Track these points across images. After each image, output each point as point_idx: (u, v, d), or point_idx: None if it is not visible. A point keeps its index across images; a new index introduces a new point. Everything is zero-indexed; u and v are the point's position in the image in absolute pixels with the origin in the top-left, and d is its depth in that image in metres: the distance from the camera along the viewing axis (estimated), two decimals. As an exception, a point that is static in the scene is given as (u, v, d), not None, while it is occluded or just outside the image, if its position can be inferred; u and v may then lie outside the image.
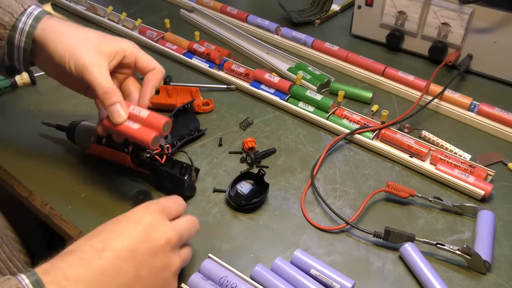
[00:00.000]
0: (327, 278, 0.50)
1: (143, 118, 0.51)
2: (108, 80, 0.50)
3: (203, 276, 0.51)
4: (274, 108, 0.78)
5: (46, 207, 0.61)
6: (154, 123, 0.51)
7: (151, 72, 0.55)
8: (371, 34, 0.94)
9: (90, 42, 0.52)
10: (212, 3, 1.04)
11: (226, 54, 0.88)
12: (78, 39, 0.52)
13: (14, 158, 0.68)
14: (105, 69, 0.51)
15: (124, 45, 0.54)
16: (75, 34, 0.52)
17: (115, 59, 0.53)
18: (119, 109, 0.51)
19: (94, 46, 0.51)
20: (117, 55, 0.53)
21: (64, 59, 0.50)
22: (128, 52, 0.54)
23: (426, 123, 0.75)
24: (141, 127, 0.51)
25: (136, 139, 0.51)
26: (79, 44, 0.51)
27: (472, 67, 0.84)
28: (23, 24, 0.51)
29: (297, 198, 0.62)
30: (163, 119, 0.51)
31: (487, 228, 0.56)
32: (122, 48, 0.54)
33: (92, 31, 0.54)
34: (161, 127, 0.51)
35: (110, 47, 0.52)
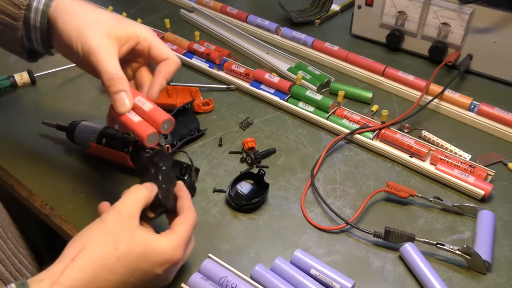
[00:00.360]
0: (327, 278, 0.50)
1: (145, 111, 0.48)
2: (115, 66, 0.47)
3: (203, 276, 0.51)
4: (274, 108, 0.78)
5: (46, 207, 0.61)
6: (154, 118, 0.48)
7: (164, 62, 0.51)
8: (371, 34, 0.94)
9: (101, 24, 0.48)
10: (212, 3, 1.04)
11: (226, 54, 0.88)
12: (89, 20, 0.48)
13: (14, 158, 0.68)
14: (113, 54, 0.48)
15: (138, 30, 0.50)
16: (86, 14, 0.49)
17: (127, 44, 0.49)
18: (123, 97, 0.48)
19: (104, 29, 0.48)
20: (129, 41, 0.50)
21: (71, 39, 0.48)
22: (142, 38, 0.50)
23: (426, 123, 0.75)
24: (142, 120, 0.48)
25: (133, 133, 0.49)
26: (89, 25, 0.48)
27: (472, 67, 0.84)
28: (37, 3, 0.49)
29: (297, 198, 0.62)
30: (164, 116, 0.48)
31: (487, 228, 0.56)
32: (136, 34, 0.50)
33: (105, 13, 0.51)
34: (160, 123, 0.48)
35: (122, 31, 0.49)
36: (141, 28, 0.51)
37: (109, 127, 0.66)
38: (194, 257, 0.54)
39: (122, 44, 0.49)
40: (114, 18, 0.50)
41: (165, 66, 0.51)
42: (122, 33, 0.49)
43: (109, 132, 0.64)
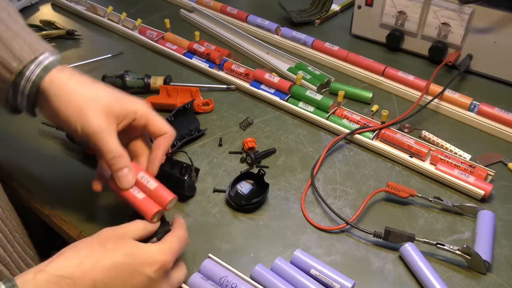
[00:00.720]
0: (327, 278, 0.50)
1: (150, 189, 0.49)
2: (116, 145, 0.48)
3: (203, 276, 0.51)
4: (274, 108, 0.78)
5: (46, 207, 0.61)
6: (159, 198, 0.48)
7: (162, 137, 0.52)
8: (371, 34, 0.94)
9: (99, 102, 0.48)
10: (212, 3, 1.04)
11: (226, 54, 0.88)
12: (87, 98, 0.48)
13: (14, 158, 0.68)
14: (113, 133, 0.48)
15: (136, 106, 0.51)
16: (85, 93, 0.49)
17: (124, 121, 0.50)
18: (127, 174, 0.48)
19: (103, 107, 0.48)
20: (127, 118, 0.50)
21: (71, 119, 0.47)
22: (138, 115, 0.51)
23: (426, 123, 0.75)
24: (146, 197, 0.49)
25: (138, 210, 0.49)
26: (88, 104, 0.48)
27: (472, 67, 0.84)
28: (30, 73, 0.48)
29: (297, 198, 0.62)
30: (169, 196, 0.48)
31: (487, 228, 0.56)
32: (133, 110, 0.50)
33: (103, 89, 0.50)
34: (166, 204, 0.48)
35: (120, 109, 0.49)
36: (138, 104, 0.51)
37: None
38: (194, 257, 0.54)
39: (120, 121, 0.49)
40: (112, 95, 0.50)
41: (163, 141, 0.52)
42: (120, 111, 0.49)
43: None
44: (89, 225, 0.59)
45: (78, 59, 0.88)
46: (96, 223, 0.59)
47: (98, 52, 0.91)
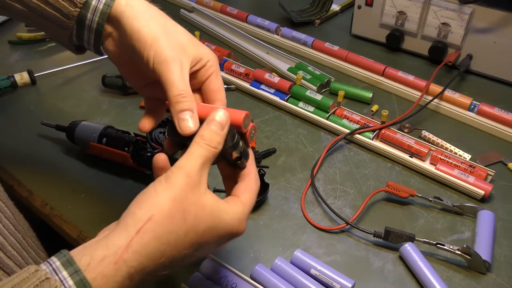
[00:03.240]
0: (327, 278, 0.50)
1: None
2: (186, 83, 0.43)
3: (203, 276, 0.51)
4: (274, 108, 0.78)
5: (46, 207, 0.61)
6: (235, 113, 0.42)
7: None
8: (371, 34, 0.94)
9: (178, 36, 0.45)
10: (212, 3, 1.04)
11: (226, 54, 0.88)
12: (167, 28, 0.44)
13: (14, 158, 0.68)
14: (186, 70, 0.43)
15: (209, 54, 0.46)
16: (164, 22, 0.45)
17: (197, 65, 0.45)
18: (189, 119, 0.41)
19: (180, 44, 0.44)
20: (200, 62, 0.46)
21: (144, 45, 0.43)
22: (209, 64, 0.46)
23: (426, 123, 0.75)
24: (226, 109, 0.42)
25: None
26: (167, 34, 0.44)
27: (472, 67, 0.84)
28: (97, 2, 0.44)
29: (297, 198, 0.62)
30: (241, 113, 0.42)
31: (487, 228, 0.56)
32: (206, 57, 0.46)
33: (179, 26, 0.47)
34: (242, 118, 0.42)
35: (195, 51, 0.45)
36: (210, 52, 0.47)
37: (110, 126, 0.66)
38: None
39: (194, 64, 0.45)
40: (187, 32, 0.47)
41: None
42: (195, 52, 0.45)
43: (109, 132, 0.64)
44: (89, 225, 0.59)
45: (79, 59, 0.88)
46: (96, 223, 0.59)
47: (98, 52, 0.91)
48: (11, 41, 0.94)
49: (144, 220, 0.35)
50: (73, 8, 0.45)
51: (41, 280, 0.31)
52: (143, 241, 0.34)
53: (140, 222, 0.35)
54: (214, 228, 0.38)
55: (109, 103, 0.79)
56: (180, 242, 0.36)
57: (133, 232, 0.34)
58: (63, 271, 0.32)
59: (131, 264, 0.34)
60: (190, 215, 0.36)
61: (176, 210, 0.36)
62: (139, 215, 0.35)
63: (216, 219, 0.38)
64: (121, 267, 0.33)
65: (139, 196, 0.37)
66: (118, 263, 0.33)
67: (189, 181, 0.37)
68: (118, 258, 0.33)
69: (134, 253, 0.34)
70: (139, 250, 0.34)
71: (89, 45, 0.48)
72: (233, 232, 0.40)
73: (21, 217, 0.56)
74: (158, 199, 0.36)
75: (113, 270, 0.33)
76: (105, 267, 0.33)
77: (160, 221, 0.35)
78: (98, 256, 0.33)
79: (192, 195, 0.37)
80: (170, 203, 0.36)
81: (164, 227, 0.35)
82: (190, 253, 0.38)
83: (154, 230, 0.35)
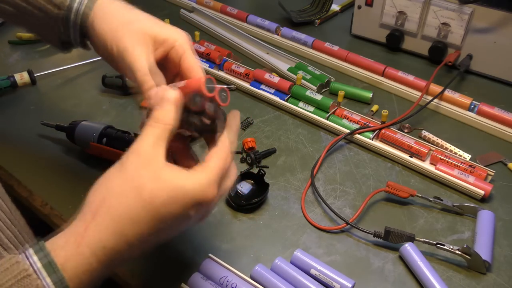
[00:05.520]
0: (327, 278, 0.50)
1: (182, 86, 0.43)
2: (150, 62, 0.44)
3: (203, 276, 0.51)
4: (274, 108, 0.78)
5: (46, 207, 0.61)
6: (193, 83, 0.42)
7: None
8: (371, 34, 0.94)
9: (137, 24, 0.46)
10: (212, 3, 1.04)
11: (226, 54, 0.88)
12: (125, 19, 0.47)
13: (14, 158, 0.68)
14: (149, 52, 0.45)
15: (175, 34, 0.47)
16: (123, 14, 0.48)
17: (162, 47, 0.46)
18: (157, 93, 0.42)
19: (140, 28, 0.46)
20: (165, 43, 0.46)
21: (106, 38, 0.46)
22: (178, 43, 0.46)
23: (426, 123, 0.75)
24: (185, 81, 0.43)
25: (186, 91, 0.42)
26: (125, 25, 0.46)
27: (472, 67, 0.84)
28: (78, 4, 0.49)
29: (297, 198, 0.62)
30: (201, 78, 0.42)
31: (487, 228, 0.56)
32: (173, 37, 0.46)
33: (143, 13, 0.49)
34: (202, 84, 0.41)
35: (158, 32, 0.46)
36: (178, 32, 0.48)
37: (110, 126, 0.66)
38: (194, 257, 0.54)
39: (158, 45, 0.46)
40: (151, 18, 0.48)
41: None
42: (158, 34, 0.46)
43: (109, 132, 0.64)
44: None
45: (79, 59, 0.88)
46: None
47: (98, 52, 0.90)
48: (11, 41, 0.94)
49: (98, 203, 0.37)
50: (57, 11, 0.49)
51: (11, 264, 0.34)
52: (99, 223, 0.36)
53: (94, 206, 0.37)
54: (175, 197, 0.37)
55: (109, 103, 0.79)
56: (139, 218, 0.36)
57: (90, 217, 0.36)
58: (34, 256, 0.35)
59: (93, 246, 0.35)
60: (145, 191, 0.36)
61: (128, 188, 0.37)
62: (92, 201, 0.37)
63: (175, 189, 0.37)
64: (83, 250, 0.35)
65: (94, 184, 0.39)
66: (80, 246, 0.35)
67: (140, 159, 0.37)
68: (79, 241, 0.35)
69: (93, 236, 0.35)
70: (97, 231, 0.36)
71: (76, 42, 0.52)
72: (199, 199, 0.38)
73: (18, 213, 0.57)
74: (110, 182, 0.38)
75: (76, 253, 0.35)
76: (68, 251, 0.35)
77: (112, 202, 0.36)
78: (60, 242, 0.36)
79: (146, 171, 0.37)
80: (121, 182, 0.37)
81: (117, 207, 0.36)
82: (158, 227, 0.37)
83: (107, 212, 0.36)
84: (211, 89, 0.42)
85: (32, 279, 0.34)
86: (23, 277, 0.34)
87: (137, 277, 0.53)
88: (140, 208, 0.36)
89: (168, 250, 0.55)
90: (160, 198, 0.36)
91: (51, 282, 0.34)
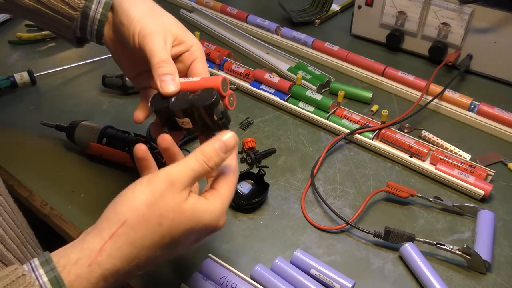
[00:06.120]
0: (327, 278, 0.50)
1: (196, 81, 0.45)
2: (168, 53, 0.46)
3: (203, 276, 0.51)
4: (274, 108, 0.78)
5: (46, 207, 0.61)
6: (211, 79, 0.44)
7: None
8: (371, 34, 0.94)
9: (164, 18, 0.49)
10: (212, 3, 1.04)
11: (226, 54, 0.88)
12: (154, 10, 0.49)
13: (14, 158, 0.68)
14: (169, 44, 0.47)
15: (193, 39, 0.50)
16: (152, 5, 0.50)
17: (180, 46, 0.48)
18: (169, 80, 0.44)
19: (166, 23, 0.48)
20: (183, 44, 0.49)
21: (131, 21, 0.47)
22: (194, 48, 0.49)
23: (426, 123, 0.75)
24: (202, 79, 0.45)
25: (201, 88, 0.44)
26: (153, 14, 0.48)
27: (472, 67, 0.84)
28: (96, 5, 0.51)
29: (297, 198, 0.62)
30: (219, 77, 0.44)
31: (487, 228, 0.56)
32: (190, 41, 0.49)
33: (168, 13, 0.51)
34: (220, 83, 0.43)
35: (179, 33, 0.48)
36: (196, 40, 0.50)
37: (110, 126, 0.66)
38: (194, 257, 0.54)
39: (177, 44, 0.48)
40: (176, 20, 0.50)
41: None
42: (178, 34, 0.48)
43: (109, 132, 0.64)
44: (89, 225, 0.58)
45: (79, 59, 0.88)
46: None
47: (98, 52, 0.90)
48: (11, 41, 0.94)
49: (118, 224, 0.36)
50: (79, 1, 0.51)
51: (17, 276, 0.33)
52: (116, 245, 0.35)
53: (114, 226, 0.36)
54: (193, 229, 0.38)
55: (109, 103, 0.79)
56: (155, 246, 0.36)
57: (107, 236, 0.35)
58: (40, 269, 0.34)
59: (105, 267, 0.35)
60: (167, 220, 0.36)
61: (152, 215, 0.36)
62: (113, 218, 0.36)
63: (194, 221, 0.38)
64: (95, 269, 0.35)
65: (116, 198, 0.38)
66: (92, 265, 0.34)
67: (171, 189, 0.37)
68: (92, 260, 0.34)
69: (108, 256, 0.35)
70: (112, 253, 0.35)
71: (91, 35, 0.53)
72: (212, 229, 0.39)
73: (20, 214, 0.57)
74: (134, 202, 0.36)
75: (87, 272, 0.34)
76: (79, 268, 0.34)
77: (134, 225, 0.36)
78: (73, 258, 0.35)
79: (172, 200, 0.37)
80: (146, 207, 0.36)
81: (137, 232, 0.36)
82: (166, 254, 0.38)
83: (127, 235, 0.35)
84: (225, 89, 0.44)
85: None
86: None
87: (137, 277, 0.53)
88: (158, 236, 0.36)
89: (168, 250, 0.55)
90: (179, 228, 0.37)
91: None
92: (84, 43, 0.58)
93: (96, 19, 0.52)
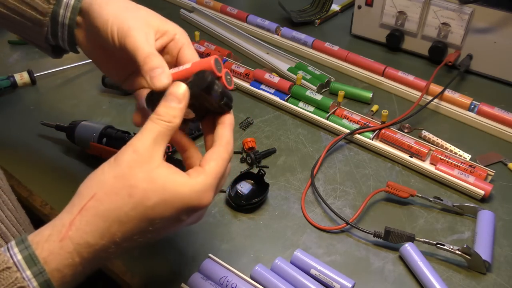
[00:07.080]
0: (327, 278, 0.50)
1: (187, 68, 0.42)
2: (152, 46, 0.43)
3: (203, 276, 0.51)
4: (274, 108, 0.78)
5: (46, 207, 0.61)
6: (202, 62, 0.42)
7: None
8: (371, 34, 0.94)
9: (141, 11, 0.46)
10: (212, 3, 1.04)
11: (226, 54, 0.88)
12: (128, 7, 0.46)
13: (14, 158, 0.68)
14: (151, 38, 0.44)
15: (175, 28, 0.47)
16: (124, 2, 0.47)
17: (163, 38, 0.46)
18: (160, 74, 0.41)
19: (144, 16, 0.46)
20: (166, 35, 0.46)
21: (107, 24, 0.44)
22: (177, 36, 0.47)
23: (426, 123, 0.75)
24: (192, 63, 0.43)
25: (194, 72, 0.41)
26: (129, 10, 0.46)
27: (472, 67, 0.84)
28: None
29: (297, 198, 0.62)
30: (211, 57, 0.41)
31: (487, 228, 0.56)
32: (173, 30, 0.47)
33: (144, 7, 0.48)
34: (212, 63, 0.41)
35: (160, 24, 0.46)
36: (177, 27, 0.48)
37: (110, 126, 0.66)
38: (194, 257, 0.54)
39: (159, 36, 0.46)
40: (152, 11, 0.48)
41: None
42: (160, 25, 0.46)
43: (109, 132, 0.64)
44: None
45: (78, 59, 0.88)
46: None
47: (98, 52, 0.90)
48: (11, 41, 0.94)
49: (87, 198, 0.36)
50: (47, 5, 0.48)
51: None
52: (85, 218, 0.35)
53: (84, 201, 0.36)
54: (167, 201, 0.36)
55: (109, 103, 0.79)
56: (127, 219, 0.36)
57: (76, 211, 0.36)
58: (15, 247, 0.34)
59: (76, 241, 0.35)
60: (137, 190, 0.35)
61: (120, 186, 0.36)
62: (83, 193, 0.37)
63: (168, 192, 0.36)
64: (67, 244, 0.35)
65: (88, 176, 0.38)
66: (63, 240, 0.35)
67: (137, 157, 0.36)
68: (62, 236, 0.35)
69: (77, 230, 0.35)
70: (81, 227, 0.35)
71: (64, 41, 0.51)
72: (193, 205, 0.37)
73: (23, 212, 0.57)
74: (103, 176, 0.37)
75: (59, 247, 0.34)
76: (51, 244, 0.35)
77: (102, 198, 0.36)
78: (45, 235, 0.35)
79: (141, 170, 0.36)
80: (114, 179, 0.36)
81: (106, 204, 0.35)
82: (146, 228, 0.37)
83: (96, 208, 0.35)
84: (219, 69, 0.42)
85: (11, 271, 0.33)
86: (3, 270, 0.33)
87: (137, 277, 0.53)
88: (130, 208, 0.35)
89: (168, 250, 0.55)
90: (151, 200, 0.36)
91: (31, 275, 0.34)
92: (62, 53, 0.56)
93: (65, 25, 0.49)
